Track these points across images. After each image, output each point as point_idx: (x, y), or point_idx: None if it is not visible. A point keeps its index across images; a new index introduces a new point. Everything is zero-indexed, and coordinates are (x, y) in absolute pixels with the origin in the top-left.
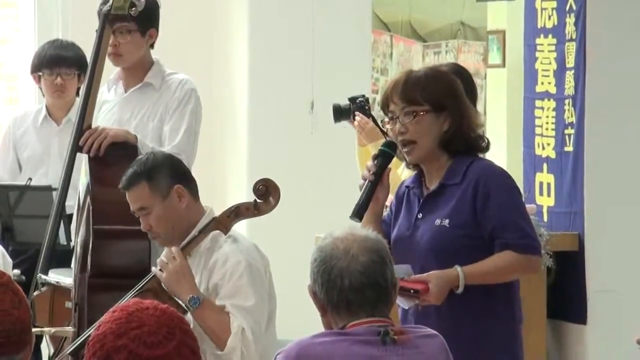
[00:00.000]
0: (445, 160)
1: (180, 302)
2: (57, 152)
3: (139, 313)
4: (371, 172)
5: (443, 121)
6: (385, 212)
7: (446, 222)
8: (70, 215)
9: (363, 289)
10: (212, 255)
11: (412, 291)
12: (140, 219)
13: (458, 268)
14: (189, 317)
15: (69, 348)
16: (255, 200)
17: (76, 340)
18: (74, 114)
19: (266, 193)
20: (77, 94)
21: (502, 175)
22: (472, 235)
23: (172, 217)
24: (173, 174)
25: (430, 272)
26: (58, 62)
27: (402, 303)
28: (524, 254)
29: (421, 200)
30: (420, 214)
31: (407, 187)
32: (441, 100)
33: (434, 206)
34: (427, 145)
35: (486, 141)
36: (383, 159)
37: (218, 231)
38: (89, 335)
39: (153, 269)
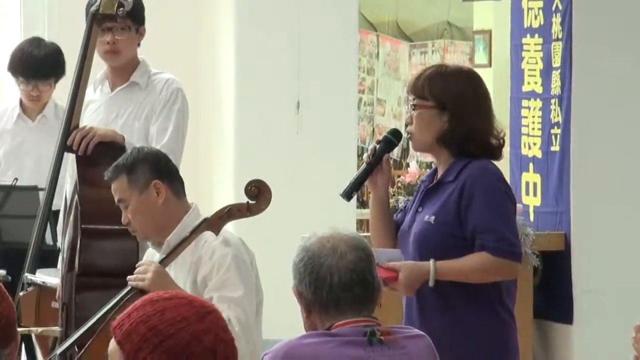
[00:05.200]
0: (447, 158)
1: None
2: (32, 148)
3: (199, 300)
4: (369, 155)
5: (446, 120)
6: (407, 203)
7: (432, 218)
8: (57, 213)
9: (352, 286)
10: (197, 251)
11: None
12: (123, 211)
13: (431, 262)
14: None
15: (61, 347)
16: (247, 202)
17: (68, 340)
18: (48, 110)
19: (258, 194)
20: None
21: (492, 177)
22: (455, 235)
23: (147, 212)
24: (154, 169)
25: (404, 262)
26: (35, 75)
27: None
28: (499, 257)
29: (422, 195)
30: (420, 208)
31: (422, 181)
32: (444, 100)
33: (429, 202)
34: (423, 139)
35: (494, 149)
36: (384, 145)
37: (209, 232)
38: (82, 335)
39: (130, 282)
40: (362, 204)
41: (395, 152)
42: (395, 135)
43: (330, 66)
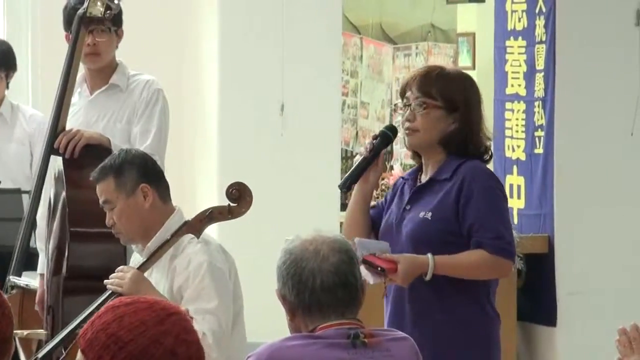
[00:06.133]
0: (442, 157)
1: None
2: None
3: (163, 302)
4: (368, 149)
5: (452, 121)
6: (380, 200)
7: (429, 215)
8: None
9: (335, 288)
10: (176, 257)
11: (379, 268)
12: (107, 212)
13: (430, 256)
14: None
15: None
16: (228, 204)
17: (50, 342)
18: (4, 109)
19: (239, 197)
20: (7, 87)
21: (489, 177)
22: (453, 232)
23: (133, 215)
24: (142, 172)
25: (402, 254)
26: None
27: (368, 278)
28: (495, 255)
29: (411, 192)
30: (409, 206)
31: (403, 178)
32: (455, 102)
33: (421, 199)
34: (428, 137)
35: (488, 155)
36: (382, 139)
37: (192, 236)
38: (66, 337)
39: (108, 286)
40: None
41: None
42: (391, 130)
43: (314, 69)
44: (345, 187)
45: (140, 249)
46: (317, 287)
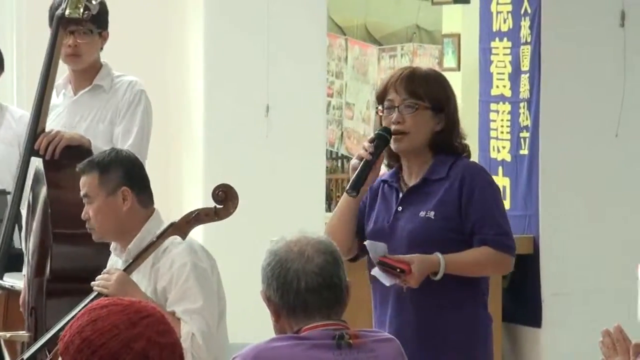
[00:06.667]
0: (428, 158)
1: None
2: None
3: (138, 304)
4: (369, 151)
5: (438, 122)
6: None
7: (431, 214)
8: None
9: (320, 289)
10: (158, 258)
11: (398, 270)
12: (85, 206)
13: (439, 255)
14: None
15: (26, 353)
16: (215, 206)
17: (34, 345)
18: None
19: (226, 199)
20: None
21: (487, 174)
22: (456, 229)
23: (109, 215)
24: (127, 175)
25: (413, 255)
26: None
27: (383, 279)
28: (500, 251)
29: (400, 194)
30: (400, 207)
31: (383, 181)
32: (441, 102)
33: (416, 200)
34: (418, 138)
35: (468, 153)
36: (380, 141)
37: (176, 237)
38: (50, 339)
39: (94, 288)
40: (329, 207)
41: None
42: (387, 131)
43: (299, 70)
44: (356, 190)
45: (119, 251)
46: (302, 289)
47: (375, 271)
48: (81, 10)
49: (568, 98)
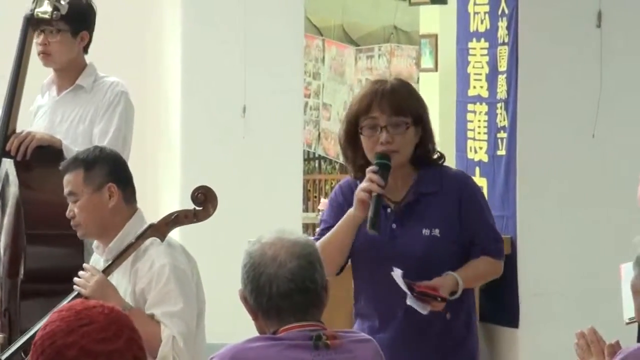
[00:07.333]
0: (410, 171)
1: None
2: None
3: (87, 311)
4: (380, 184)
5: (414, 133)
6: (322, 218)
7: (436, 232)
8: None
9: (291, 294)
10: (138, 259)
11: (439, 299)
12: (69, 204)
13: (455, 274)
14: None
15: (4, 354)
16: (194, 208)
17: (10, 347)
18: None
19: (205, 201)
20: None
21: (473, 180)
22: (458, 242)
23: (95, 212)
24: (112, 172)
25: (435, 280)
26: None
27: (419, 308)
28: (497, 259)
29: (389, 209)
30: (395, 225)
31: (342, 198)
32: (420, 114)
33: (411, 216)
34: (406, 155)
35: (444, 158)
36: (385, 170)
37: (155, 238)
38: (28, 340)
39: (75, 285)
40: (307, 208)
41: (341, 157)
42: (387, 158)
43: (276, 70)
44: (377, 229)
45: (101, 250)
46: (274, 294)
47: (411, 301)
48: (50, 9)
49: (545, 98)
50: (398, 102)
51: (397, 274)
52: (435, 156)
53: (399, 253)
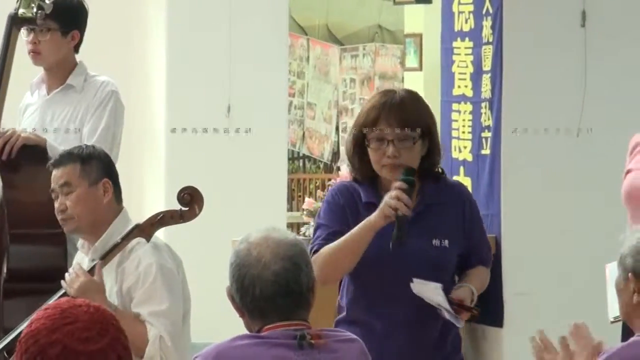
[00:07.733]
0: (416, 182)
1: None
2: None
3: (72, 310)
4: (406, 205)
5: (423, 146)
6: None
7: (446, 242)
8: None
9: (274, 297)
10: (124, 258)
11: (474, 310)
12: (59, 197)
13: (470, 286)
14: None
15: None
16: (180, 209)
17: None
18: None
19: (191, 201)
20: None
21: (470, 193)
22: (460, 253)
23: (90, 205)
24: (106, 168)
25: (459, 292)
26: None
27: (455, 321)
28: (489, 267)
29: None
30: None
31: (365, 203)
32: (429, 127)
33: (418, 225)
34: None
35: (443, 170)
36: (411, 187)
37: (140, 238)
38: (13, 340)
39: (63, 284)
40: (291, 207)
41: (325, 156)
42: (410, 173)
43: (261, 70)
44: (402, 245)
45: (86, 248)
46: (257, 296)
47: (450, 316)
48: (34, 9)
49: (529, 98)
50: (406, 115)
51: (430, 287)
52: (439, 170)
53: (409, 262)
